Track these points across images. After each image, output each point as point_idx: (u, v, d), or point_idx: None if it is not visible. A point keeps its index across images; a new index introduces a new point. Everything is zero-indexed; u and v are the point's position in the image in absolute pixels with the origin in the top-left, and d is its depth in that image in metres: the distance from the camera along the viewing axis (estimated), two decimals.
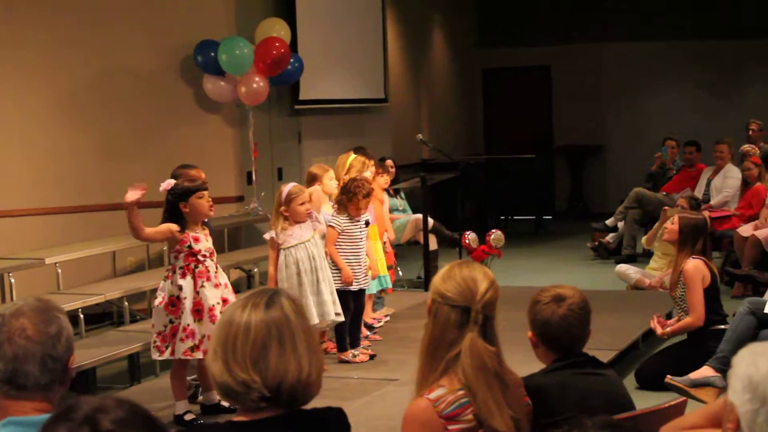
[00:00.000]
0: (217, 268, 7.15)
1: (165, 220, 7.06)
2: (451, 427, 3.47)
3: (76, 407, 1.93)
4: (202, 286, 6.98)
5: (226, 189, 12.07)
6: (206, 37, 11.69)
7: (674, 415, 4.07)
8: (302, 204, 7.70)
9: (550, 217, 18.68)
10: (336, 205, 8.46)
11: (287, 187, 7.72)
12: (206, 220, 7.24)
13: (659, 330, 8.16)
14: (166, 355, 6.94)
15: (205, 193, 7.05)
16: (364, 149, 10.12)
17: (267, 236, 7.85)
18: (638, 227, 14.00)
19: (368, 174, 9.13)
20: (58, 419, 1.92)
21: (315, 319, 7.67)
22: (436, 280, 3.63)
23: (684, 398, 4.19)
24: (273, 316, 2.98)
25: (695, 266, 7.97)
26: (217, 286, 7.06)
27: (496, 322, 3.62)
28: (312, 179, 8.84)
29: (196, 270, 6.99)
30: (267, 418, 2.99)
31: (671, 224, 8.35)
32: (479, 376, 3.48)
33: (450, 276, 3.59)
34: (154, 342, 7.02)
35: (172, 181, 7.12)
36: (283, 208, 7.70)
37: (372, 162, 9.50)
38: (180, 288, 6.94)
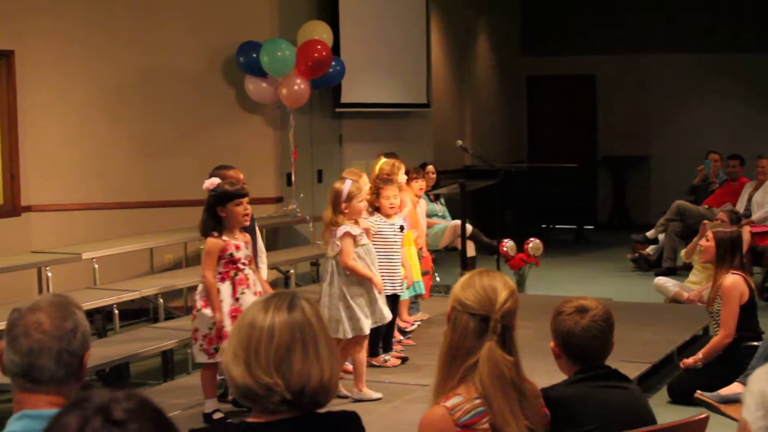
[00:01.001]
0: (254, 275, 7.19)
1: (205, 220, 7.04)
2: None
3: (89, 397, 1.94)
4: (243, 293, 7.02)
5: (266, 190, 12.11)
6: (249, 39, 11.73)
7: (697, 430, 4.04)
8: (361, 201, 7.69)
9: (591, 228, 18.59)
10: (369, 208, 8.42)
11: (347, 185, 7.66)
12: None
13: (690, 361, 8.08)
14: (217, 358, 6.92)
15: (244, 200, 7.04)
16: (395, 154, 10.10)
17: (342, 231, 7.58)
18: (679, 240, 13.88)
19: (402, 177, 9.10)
20: (71, 408, 1.94)
21: (367, 322, 7.63)
22: (456, 288, 3.62)
23: (706, 414, 4.14)
24: (296, 319, 2.96)
25: (734, 282, 7.89)
26: (255, 294, 7.09)
27: (516, 332, 3.61)
28: None
29: (236, 277, 7.03)
30: (282, 420, 2.98)
31: (706, 242, 8.25)
32: (496, 386, 3.47)
33: (470, 284, 3.58)
34: (201, 345, 7.02)
35: (216, 180, 7.10)
36: (344, 204, 7.62)
37: (401, 164, 9.45)
38: (218, 291, 6.97)
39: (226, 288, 6.98)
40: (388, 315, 7.80)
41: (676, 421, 4.07)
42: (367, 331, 7.63)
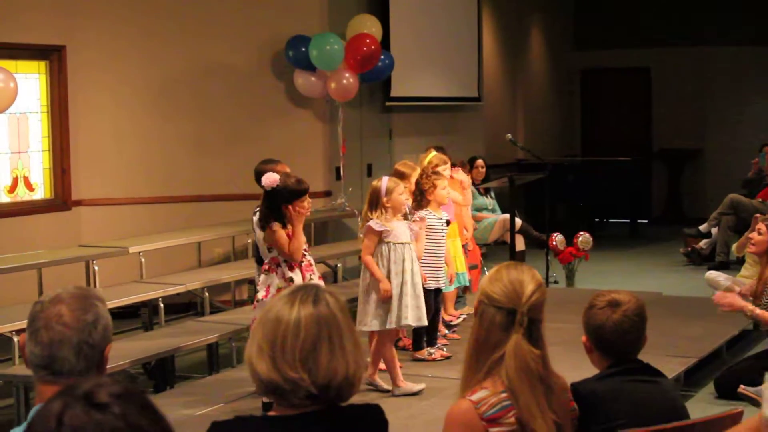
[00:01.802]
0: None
1: (265, 215, 7.02)
2: (492, 430, 3.43)
3: (76, 384, 1.95)
4: (311, 279, 7.05)
5: (315, 184, 12.01)
6: (298, 33, 11.74)
7: (729, 425, 3.97)
8: (401, 194, 7.68)
9: (646, 221, 18.44)
10: (415, 204, 8.39)
11: (384, 181, 7.66)
12: None
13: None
14: None
15: (307, 197, 7.06)
16: (443, 148, 10.07)
17: (375, 225, 7.61)
18: (732, 234, 13.73)
19: (446, 171, 9.06)
20: (59, 394, 1.94)
21: (390, 323, 7.60)
22: (484, 281, 3.60)
23: (740, 409, 4.08)
24: (321, 313, 2.94)
25: None
26: (320, 278, 7.20)
27: (543, 325, 3.58)
28: (399, 177, 8.72)
29: (302, 264, 7.07)
30: (305, 413, 2.96)
31: (758, 235, 8.10)
32: (522, 379, 3.44)
33: (497, 278, 3.55)
34: None
35: (275, 176, 7.07)
36: (385, 199, 7.61)
37: (448, 159, 9.42)
38: (291, 280, 6.94)
39: (297, 276, 7.00)
40: (411, 319, 7.65)
41: (709, 416, 4.01)
42: (385, 327, 7.58)
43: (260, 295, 7.06)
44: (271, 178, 6.98)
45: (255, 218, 7.22)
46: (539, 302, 3.54)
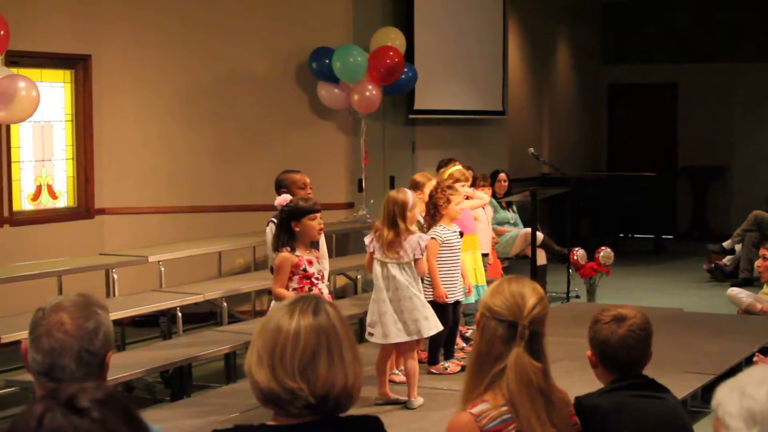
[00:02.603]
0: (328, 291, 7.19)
1: (278, 235, 7.03)
2: None
3: (59, 389, 1.98)
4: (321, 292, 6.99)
5: (337, 195, 12.15)
6: (323, 44, 11.79)
7: None
8: (415, 207, 7.69)
9: (671, 237, 18.38)
10: (428, 217, 8.39)
11: (410, 194, 7.65)
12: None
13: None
14: None
15: (318, 215, 7.01)
16: (454, 160, 10.02)
17: (429, 237, 7.71)
18: (756, 250, 13.62)
19: (464, 187, 9.05)
20: (41, 399, 1.97)
21: (390, 336, 7.57)
22: (486, 295, 3.61)
23: None
24: (321, 323, 2.95)
25: None
26: (330, 296, 7.10)
27: (545, 339, 3.58)
28: (414, 187, 8.74)
29: (311, 293, 6.95)
30: (303, 424, 2.97)
31: (764, 261, 8.02)
32: (523, 392, 3.44)
33: (499, 291, 3.56)
34: None
35: (288, 197, 7.13)
36: (409, 213, 7.61)
37: (470, 177, 9.42)
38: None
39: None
40: (423, 329, 7.64)
41: None
42: (396, 340, 7.54)
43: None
44: (280, 199, 7.06)
45: (268, 228, 7.24)
46: (541, 315, 3.54)
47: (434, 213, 8.37)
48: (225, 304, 9.66)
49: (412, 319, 7.53)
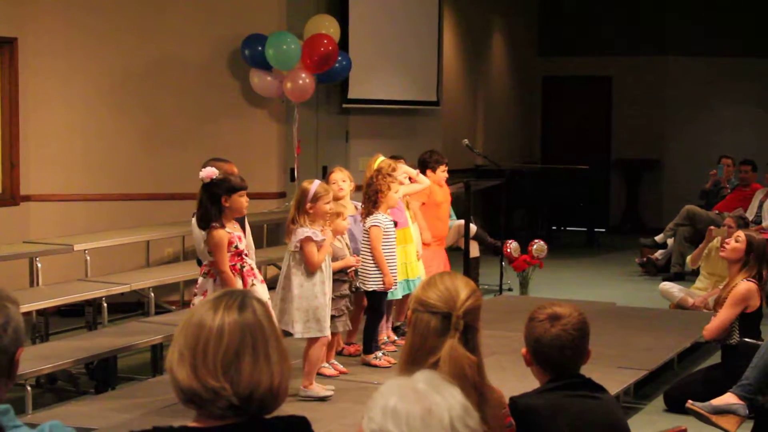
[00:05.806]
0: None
1: (205, 210, 6.80)
2: None
3: None
4: (253, 284, 6.83)
5: (268, 185, 12.00)
6: (256, 31, 11.62)
7: None
8: (327, 203, 7.44)
9: (603, 230, 18.41)
10: (369, 203, 8.27)
11: (314, 185, 7.43)
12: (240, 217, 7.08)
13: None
14: None
15: (245, 192, 6.89)
16: (402, 158, 9.84)
17: (305, 234, 7.22)
18: (688, 245, 13.69)
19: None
20: None
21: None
22: (417, 290, 3.57)
23: (683, 427, 3.99)
24: (247, 320, 2.82)
25: (748, 288, 7.66)
26: (263, 282, 6.97)
27: (480, 333, 3.49)
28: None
29: (243, 269, 6.83)
30: (227, 426, 2.84)
31: (735, 242, 7.93)
32: (456, 385, 3.33)
33: (431, 284, 3.52)
34: None
35: (214, 170, 6.87)
36: (309, 205, 7.37)
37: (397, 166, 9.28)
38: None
39: (237, 282, 6.76)
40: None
41: None
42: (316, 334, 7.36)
43: (196, 300, 6.72)
44: (208, 171, 6.79)
45: (194, 219, 7.05)
46: (474, 307, 3.47)
47: (375, 199, 8.24)
48: (152, 294, 9.46)
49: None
